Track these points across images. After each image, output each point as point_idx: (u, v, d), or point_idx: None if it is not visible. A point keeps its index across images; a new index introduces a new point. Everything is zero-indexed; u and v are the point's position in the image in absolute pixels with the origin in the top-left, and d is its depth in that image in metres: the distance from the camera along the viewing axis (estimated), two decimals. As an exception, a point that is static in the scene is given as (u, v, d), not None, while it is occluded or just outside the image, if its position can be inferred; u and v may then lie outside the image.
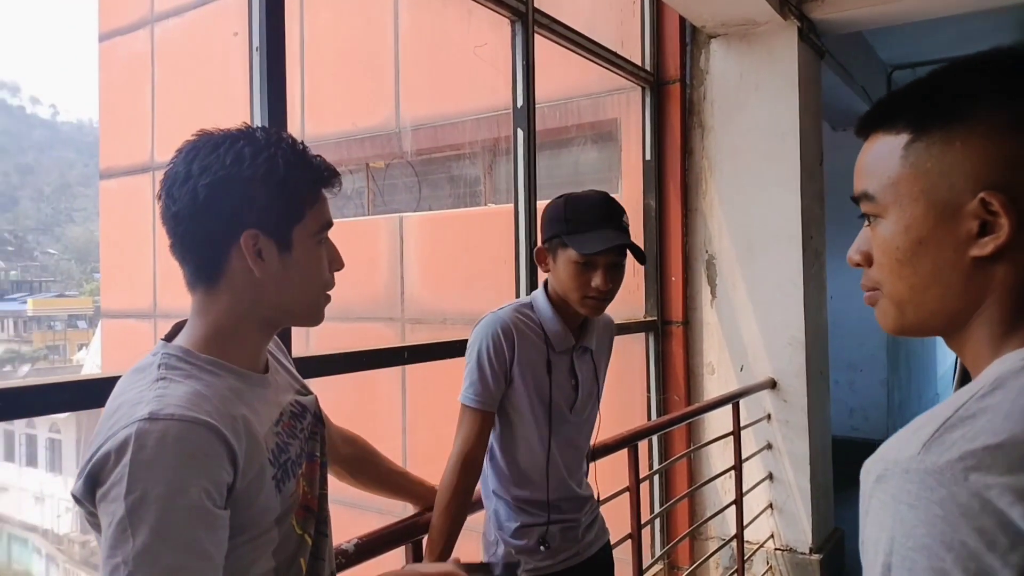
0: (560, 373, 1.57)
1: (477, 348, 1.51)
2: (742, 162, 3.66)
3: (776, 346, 3.58)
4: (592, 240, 1.45)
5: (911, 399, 6.99)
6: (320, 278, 0.98)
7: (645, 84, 3.72)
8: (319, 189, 0.97)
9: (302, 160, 0.95)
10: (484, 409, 1.50)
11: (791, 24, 3.49)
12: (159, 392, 0.83)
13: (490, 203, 4.35)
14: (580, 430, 1.63)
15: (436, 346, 2.27)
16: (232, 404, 0.88)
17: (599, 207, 1.49)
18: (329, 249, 1.00)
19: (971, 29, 5.19)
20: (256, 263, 0.91)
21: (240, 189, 0.90)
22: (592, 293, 1.48)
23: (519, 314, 1.55)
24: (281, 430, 0.98)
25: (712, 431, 3.61)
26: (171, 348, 0.91)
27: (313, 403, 1.10)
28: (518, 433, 1.55)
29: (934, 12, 3.58)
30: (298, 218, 0.94)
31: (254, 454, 0.89)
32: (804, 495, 3.55)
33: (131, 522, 0.76)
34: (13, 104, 57.71)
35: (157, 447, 0.78)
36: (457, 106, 4.16)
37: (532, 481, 1.57)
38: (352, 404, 3.40)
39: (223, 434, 0.83)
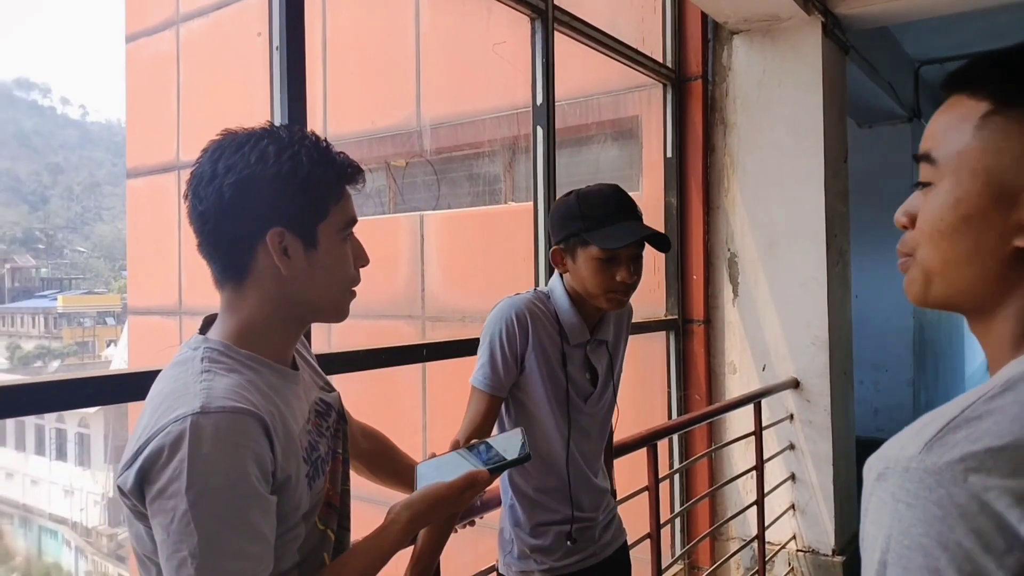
0: (574, 366, 1.56)
1: (491, 332, 1.51)
2: (765, 159, 3.62)
3: (799, 345, 3.54)
4: (615, 234, 1.41)
5: (938, 399, 6.88)
6: (346, 274, 0.99)
7: (666, 81, 3.69)
8: (343, 186, 0.97)
9: (325, 157, 0.96)
10: (493, 393, 1.49)
11: (815, 19, 3.45)
12: (206, 384, 0.85)
13: (510, 201, 4.34)
14: (597, 421, 1.62)
15: (455, 344, 2.27)
16: (270, 400, 0.91)
17: (613, 200, 1.47)
18: (354, 245, 1.01)
19: (999, 23, 5.09)
20: (282, 260, 0.92)
21: (265, 187, 0.91)
22: (617, 288, 1.46)
23: (536, 303, 1.54)
24: (311, 428, 1.00)
25: (733, 431, 3.58)
26: (212, 342, 0.93)
27: (337, 400, 1.12)
28: (535, 419, 1.54)
29: (960, 6, 3.51)
30: (323, 215, 0.95)
31: (291, 451, 0.91)
32: (827, 496, 3.51)
33: (194, 515, 0.78)
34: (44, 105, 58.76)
35: (213, 440, 0.80)
36: (477, 104, 4.16)
37: (551, 470, 1.56)
38: (372, 401, 3.42)
39: (268, 425, 0.85)
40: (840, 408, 3.59)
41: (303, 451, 0.95)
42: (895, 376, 5.88)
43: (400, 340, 4.37)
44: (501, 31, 3.18)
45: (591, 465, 1.62)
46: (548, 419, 1.54)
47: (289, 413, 0.94)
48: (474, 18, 4.06)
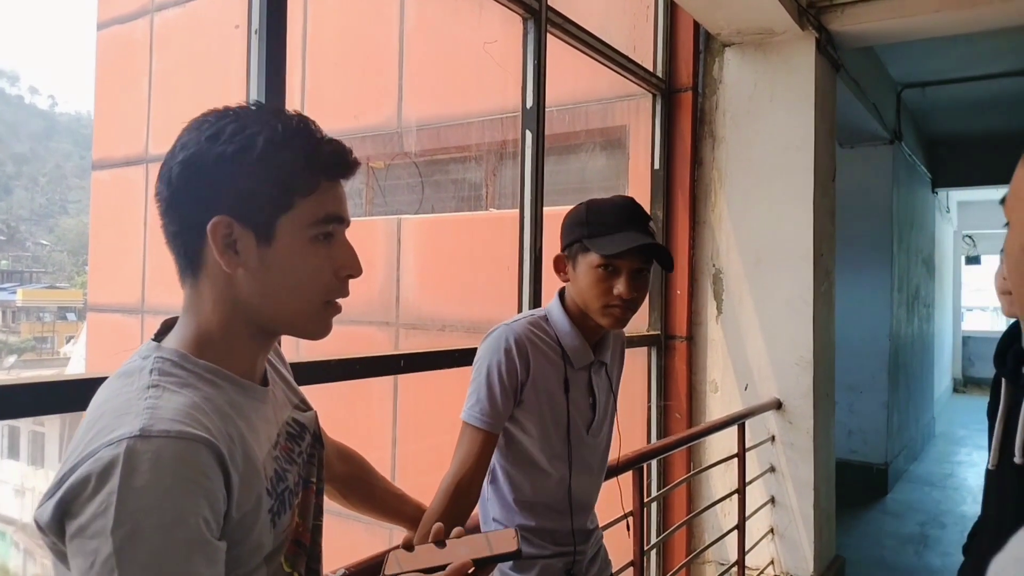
0: (578, 391, 1.44)
1: (487, 362, 1.38)
2: (754, 175, 3.55)
3: (783, 366, 3.47)
4: (614, 241, 1.33)
5: (909, 422, 6.90)
6: (314, 281, 0.83)
7: (656, 91, 3.61)
8: (318, 176, 0.83)
9: (296, 140, 0.82)
10: (488, 430, 1.35)
11: (809, 35, 3.40)
12: (151, 403, 0.72)
13: (491, 208, 4.23)
14: (597, 452, 1.51)
15: (434, 355, 2.14)
16: (231, 422, 0.77)
17: (623, 209, 1.38)
18: (338, 250, 0.85)
19: (981, 49, 5.12)
20: (226, 256, 0.79)
21: (212, 168, 0.78)
22: (615, 301, 1.35)
23: (534, 328, 1.42)
24: (280, 454, 0.86)
25: (713, 451, 3.49)
26: (165, 351, 0.79)
27: (312, 420, 0.97)
28: (527, 457, 1.42)
29: (953, 29, 3.49)
30: (284, 207, 0.81)
31: (252, 483, 0.77)
32: (807, 521, 3.43)
33: (119, 561, 0.64)
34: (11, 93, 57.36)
35: (151, 470, 0.67)
36: (463, 107, 4.04)
37: (541, 509, 1.44)
38: (339, 412, 3.26)
39: (223, 456, 0.72)
40: (822, 431, 3.52)
41: (267, 482, 0.82)
42: (870, 398, 5.85)
43: (373, 347, 4.22)
44: (492, 30, 3.07)
45: (592, 500, 1.50)
46: (543, 455, 1.42)
47: (252, 437, 0.80)
48: (464, 16, 3.95)
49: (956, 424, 9.06)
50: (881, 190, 5.87)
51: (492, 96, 3.73)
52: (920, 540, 4.71)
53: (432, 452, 3.63)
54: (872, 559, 4.34)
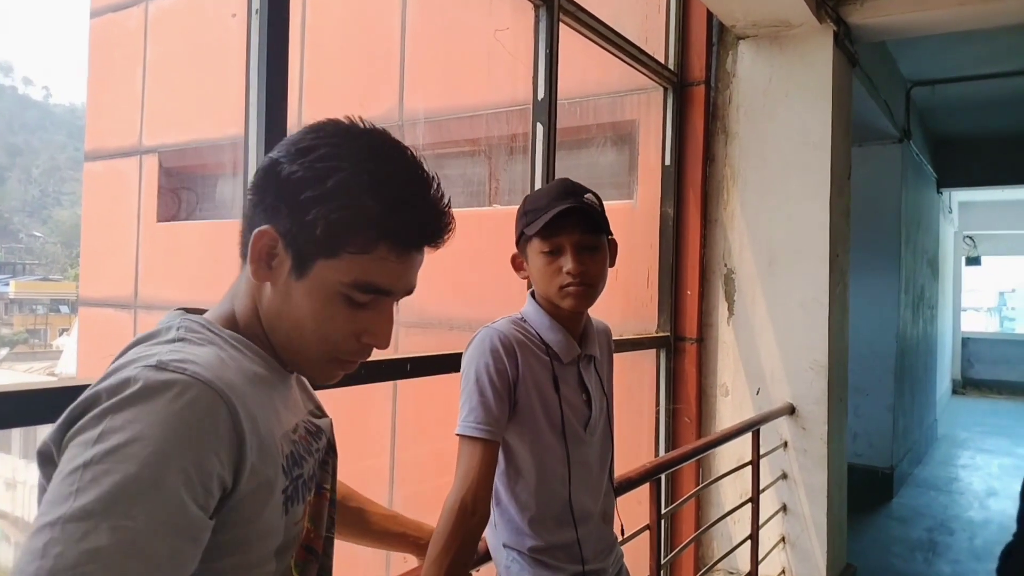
0: (569, 388, 1.36)
1: (475, 367, 1.29)
2: (768, 172, 3.44)
3: (796, 369, 3.36)
4: (543, 213, 1.30)
5: (913, 425, 6.81)
6: (324, 332, 0.77)
7: (668, 85, 3.50)
8: (379, 240, 0.75)
9: (378, 194, 0.74)
10: (489, 438, 1.25)
11: (827, 28, 3.28)
12: (175, 347, 0.70)
13: (495, 204, 4.11)
14: (597, 451, 1.40)
15: (442, 358, 2.03)
16: (251, 388, 0.72)
17: (554, 188, 1.35)
18: (373, 316, 0.78)
19: (998, 46, 5.02)
20: (257, 265, 0.76)
21: (282, 182, 0.75)
22: (566, 280, 1.30)
23: (515, 327, 1.35)
24: (298, 439, 0.79)
25: (724, 457, 3.39)
26: (191, 317, 0.77)
27: (329, 427, 0.90)
28: (527, 466, 1.32)
29: (976, 23, 3.37)
30: (327, 253, 0.75)
31: (267, 456, 0.70)
32: (820, 529, 3.33)
33: (83, 475, 0.57)
34: (5, 84, 56.93)
35: (159, 398, 0.62)
36: (472, 98, 3.91)
37: (550, 523, 1.33)
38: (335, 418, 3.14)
39: (238, 416, 0.66)
40: (836, 437, 3.42)
41: (283, 459, 0.74)
42: (876, 401, 5.76)
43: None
44: (503, 18, 2.95)
45: (596, 506, 1.39)
46: (542, 460, 1.32)
47: (271, 412, 0.74)
48: (473, 2, 3.81)
49: (957, 427, 8.99)
50: (890, 190, 5.77)
51: (502, 88, 3.61)
52: (929, 547, 4.61)
53: (433, 458, 3.52)
54: (882, 567, 4.24)
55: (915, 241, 6.60)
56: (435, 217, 0.77)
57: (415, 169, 0.78)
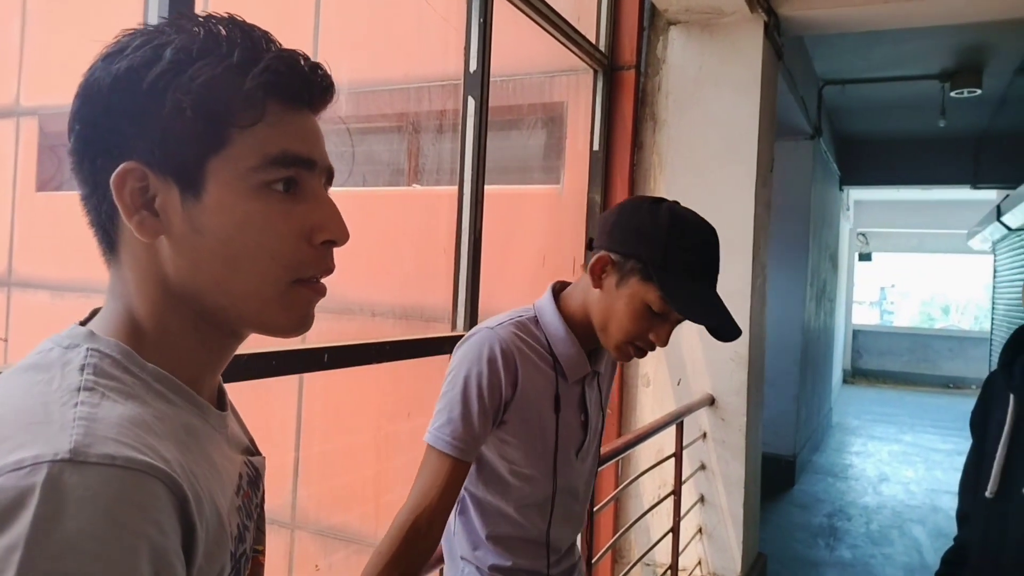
0: (569, 409, 1.19)
1: (464, 374, 1.11)
2: (694, 161, 3.40)
3: (717, 361, 3.35)
4: (694, 300, 1.08)
5: (813, 414, 7.09)
6: (269, 249, 0.57)
7: (598, 67, 3.40)
8: (262, 98, 0.55)
9: (225, 47, 0.55)
10: (459, 457, 1.09)
11: (758, 18, 3.26)
12: (85, 411, 0.48)
13: (415, 184, 3.91)
14: (584, 477, 1.27)
15: (364, 348, 1.85)
16: (191, 455, 0.53)
17: (709, 253, 1.12)
18: (312, 206, 0.59)
19: (904, 50, 5.21)
20: (138, 218, 0.55)
21: (109, 97, 0.54)
22: (642, 344, 1.13)
23: (521, 333, 1.16)
24: (241, 504, 0.61)
25: (645, 449, 3.35)
26: (103, 343, 0.54)
27: (263, 467, 0.70)
28: (505, 486, 1.17)
29: (898, 22, 3.45)
30: (213, 144, 0.55)
31: (218, 544, 0.54)
32: (736, 519, 3.35)
33: None
34: None
35: (82, 512, 0.42)
36: (396, 70, 3.69)
37: (518, 547, 1.19)
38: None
39: (186, 501, 0.49)
40: (753, 427, 3.44)
41: (232, 543, 0.57)
42: (782, 391, 5.92)
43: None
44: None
45: (573, 534, 1.27)
46: (527, 482, 1.17)
47: (215, 478, 0.56)
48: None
49: (849, 415, 9.47)
50: (802, 185, 5.92)
51: (432, 60, 3.41)
52: (830, 533, 4.78)
53: (343, 454, 3.33)
54: (788, 554, 4.35)
55: (820, 237, 6.83)
56: (304, 62, 0.58)
57: (244, 22, 0.58)
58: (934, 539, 4.69)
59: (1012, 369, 1.35)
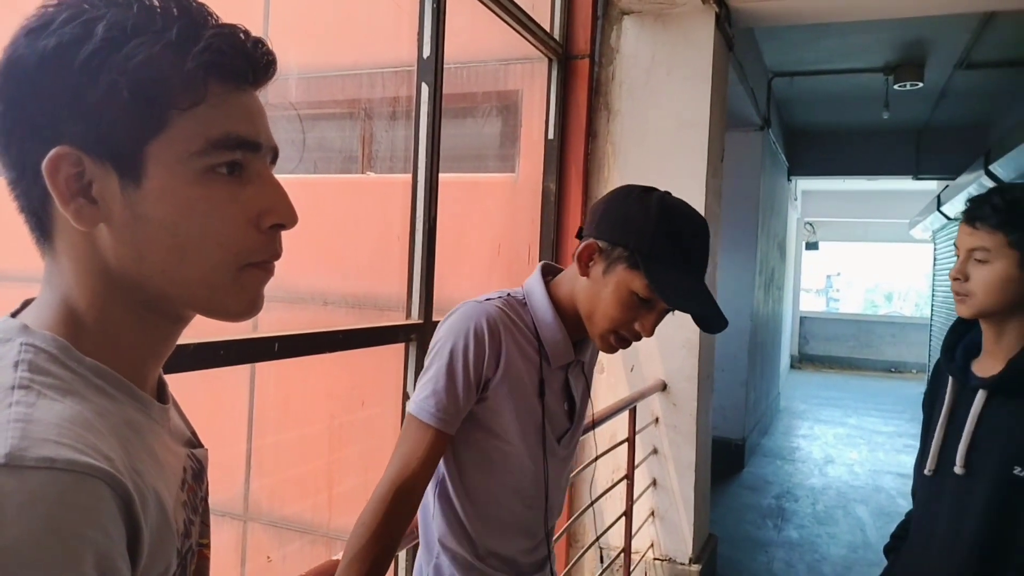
0: (553, 395, 1.19)
1: (451, 345, 1.10)
2: (647, 150, 3.44)
3: (670, 348, 3.41)
4: (682, 288, 1.07)
5: (761, 398, 7.27)
6: (216, 235, 0.55)
7: (553, 55, 3.40)
8: (203, 77, 0.53)
9: (162, 22, 0.52)
10: (441, 429, 1.09)
11: (709, 9, 3.30)
12: (20, 412, 0.46)
13: (369, 172, 3.87)
14: (565, 465, 1.28)
15: (315, 337, 1.83)
16: (134, 451, 0.52)
17: (699, 242, 1.11)
18: (258, 188, 0.57)
19: (850, 43, 5.33)
20: (75, 205, 0.52)
21: (36, 75, 0.51)
22: (628, 334, 1.12)
23: (509, 312, 1.15)
24: (187, 499, 0.60)
25: (598, 435, 3.39)
26: (37, 336, 0.52)
27: (206, 459, 0.68)
28: (486, 472, 1.17)
29: (845, 15, 3.54)
30: (153, 126, 0.52)
31: (164, 543, 0.53)
32: (687, 502, 3.42)
33: None
34: None
35: (19, 522, 0.41)
36: (348, 56, 3.63)
37: (497, 534, 1.19)
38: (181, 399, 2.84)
39: (131, 500, 0.47)
40: (703, 412, 3.52)
41: (178, 540, 0.56)
42: (731, 376, 6.06)
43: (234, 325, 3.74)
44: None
45: (551, 523, 1.28)
46: (509, 470, 1.17)
47: (159, 474, 0.55)
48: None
49: (796, 399, 9.74)
50: (751, 176, 6.04)
51: (385, 45, 3.36)
52: (778, 514, 4.91)
53: (298, 444, 3.29)
54: (738, 535, 4.47)
55: (769, 226, 6.99)
56: (245, 37, 0.56)
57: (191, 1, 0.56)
58: (876, 518, 4.87)
59: (954, 354, 1.41)
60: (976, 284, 1.29)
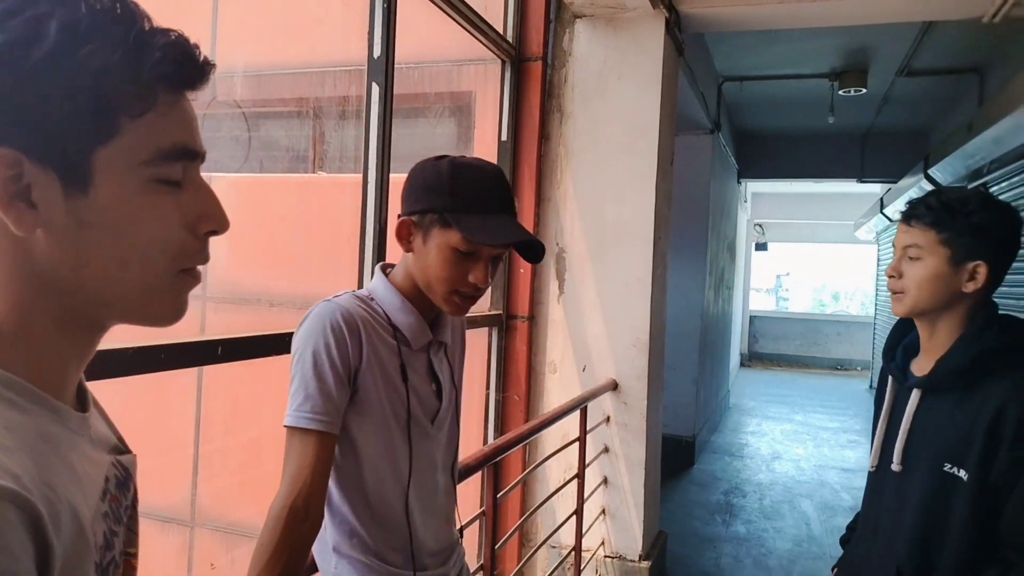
0: (418, 376, 1.22)
1: (312, 347, 1.11)
2: (599, 153, 3.48)
3: (620, 347, 3.46)
4: (489, 227, 1.12)
5: (711, 396, 7.40)
6: (161, 242, 0.56)
7: (506, 58, 3.41)
8: (154, 85, 0.53)
9: (115, 27, 0.52)
10: (324, 430, 1.08)
11: (659, 14, 3.36)
12: None
13: (320, 171, 3.83)
14: (443, 447, 1.29)
15: (261, 340, 1.81)
16: (46, 465, 0.50)
17: (494, 185, 1.16)
18: (194, 195, 0.58)
19: (799, 49, 5.47)
20: (13, 210, 0.51)
21: None
22: (466, 288, 1.16)
23: (360, 304, 1.18)
24: (109, 510, 0.58)
25: (551, 434, 3.41)
26: None
27: (134, 466, 0.67)
28: (365, 460, 1.17)
29: (791, 22, 3.61)
30: (103, 133, 0.52)
31: (79, 558, 0.51)
32: (637, 500, 3.47)
33: None
34: None
35: None
36: (301, 54, 3.58)
37: (386, 526, 1.19)
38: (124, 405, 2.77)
39: (39, 519, 0.45)
40: (653, 411, 3.57)
41: (96, 553, 0.54)
42: (682, 375, 6.16)
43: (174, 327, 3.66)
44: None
45: (439, 507, 1.28)
46: (384, 456, 1.17)
47: (76, 487, 0.53)
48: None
49: (745, 396, 9.94)
50: (701, 178, 6.15)
51: (335, 44, 3.33)
52: (726, 509, 5.02)
53: (247, 448, 3.23)
54: (687, 531, 4.55)
55: (719, 227, 7.12)
56: (190, 44, 0.56)
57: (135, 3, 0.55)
58: (821, 512, 5.01)
59: (894, 353, 1.47)
60: (909, 281, 1.34)
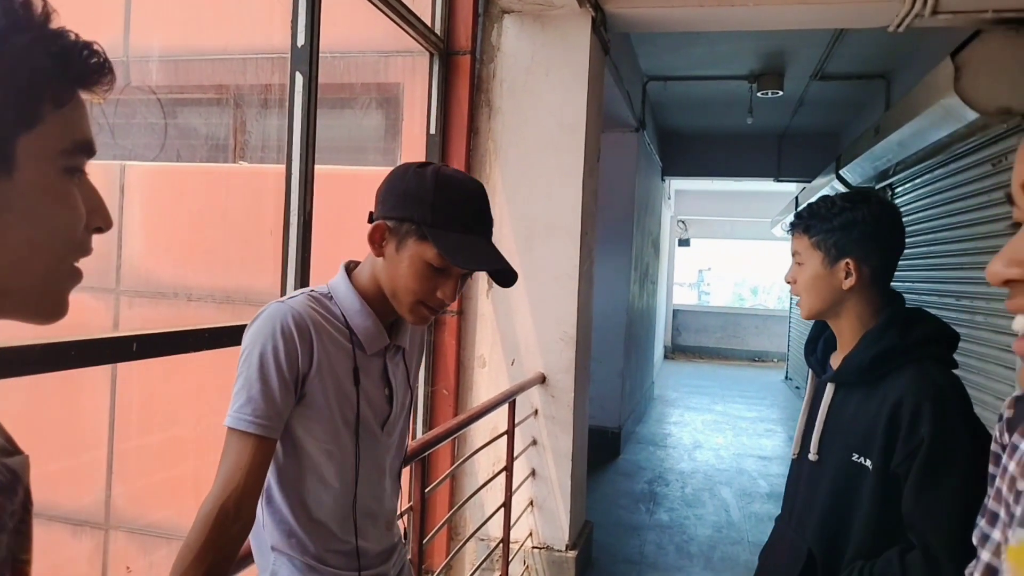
0: (370, 381, 1.20)
1: (260, 349, 1.09)
2: (527, 149, 3.51)
3: (548, 341, 3.50)
4: (467, 250, 1.11)
5: (636, 388, 7.58)
6: (64, 231, 0.57)
7: (434, 50, 3.39)
8: (72, 84, 0.56)
9: (41, 27, 0.54)
10: (263, 435, 1.07)
11: (586, 12, 3.40)
12: None
13: (242, 161, 3.71)
14: (392, 452, 1.28)
15: (179, 335, 1.75)
16: None
17: (477, 204, 1.15)
18: (87, 192, 0.59)
19: (719, 51, 5.64)
20: None
21: None
22: (433, 303, 1.15)
23: (315, 305, 1.16)
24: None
25: (479, 428, 3.43)
26: None
27: (24, 467, 0.64)
28: (309, 464, 1.15)
29: (709, 25, 3.73)
30: (26, 121, 0.53)
31: None
32: (564, 491, 3.52)
33: None
34: None
35: None
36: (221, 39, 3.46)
37: (329, 528, 1.18)
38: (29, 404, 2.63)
39: None
40: (580, 403, 3.63)
41: None
42: (608, 367, 6.28)
43: (86, 319, 3.50)
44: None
45: (382, 510, 1.27)
46: (329, 459, 1.16)
47: None
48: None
49: (668, 388, 10.22)
50: (626, 175, 6.27)
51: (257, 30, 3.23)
52: (650, 498, 5.15)
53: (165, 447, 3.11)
54: (612, 520, 4.64)
55: (644, 223, 7.28)
56: (99, 48, 0.58)
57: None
58: (739, 498, 5.20)
59: (815, 347, 1.54)
60: (800, 286, 1.42)
